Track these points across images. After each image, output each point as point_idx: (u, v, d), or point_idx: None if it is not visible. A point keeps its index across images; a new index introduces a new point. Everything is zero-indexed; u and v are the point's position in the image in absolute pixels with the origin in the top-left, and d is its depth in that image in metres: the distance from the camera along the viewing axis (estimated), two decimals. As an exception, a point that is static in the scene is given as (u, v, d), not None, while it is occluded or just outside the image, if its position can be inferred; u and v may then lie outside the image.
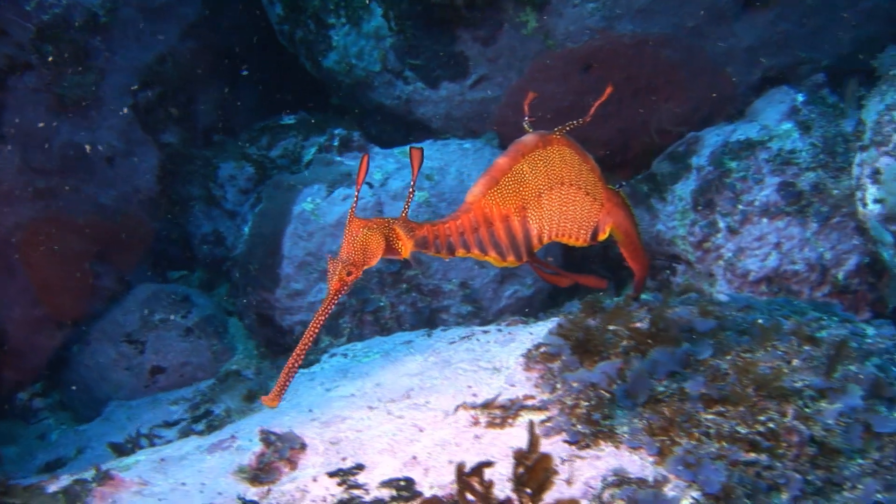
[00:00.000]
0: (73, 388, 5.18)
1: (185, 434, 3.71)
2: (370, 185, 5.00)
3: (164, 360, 5.00)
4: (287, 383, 2.49)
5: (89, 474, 2.95)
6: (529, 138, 3.10)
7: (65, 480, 3.00)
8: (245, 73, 6.33)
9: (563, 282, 3.54)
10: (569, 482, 2.69)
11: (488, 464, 2.14)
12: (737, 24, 5.06)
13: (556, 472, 2.20)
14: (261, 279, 4.94)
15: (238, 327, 5.34)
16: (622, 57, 5.05)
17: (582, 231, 3.31)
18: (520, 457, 2.12)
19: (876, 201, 3.93)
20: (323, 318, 2.49)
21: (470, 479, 2.12)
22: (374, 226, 2.61)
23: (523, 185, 2.98)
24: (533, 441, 2.14)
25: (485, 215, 2.91)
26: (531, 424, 2.28)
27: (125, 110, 5.47)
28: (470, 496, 2.13)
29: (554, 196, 3.13)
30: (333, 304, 2.53)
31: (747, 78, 5.28)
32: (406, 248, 2.70)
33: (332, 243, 4.87)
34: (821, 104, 4.98)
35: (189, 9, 5.88)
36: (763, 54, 5.20)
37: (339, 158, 5.33)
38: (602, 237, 3.49)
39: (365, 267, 2.60)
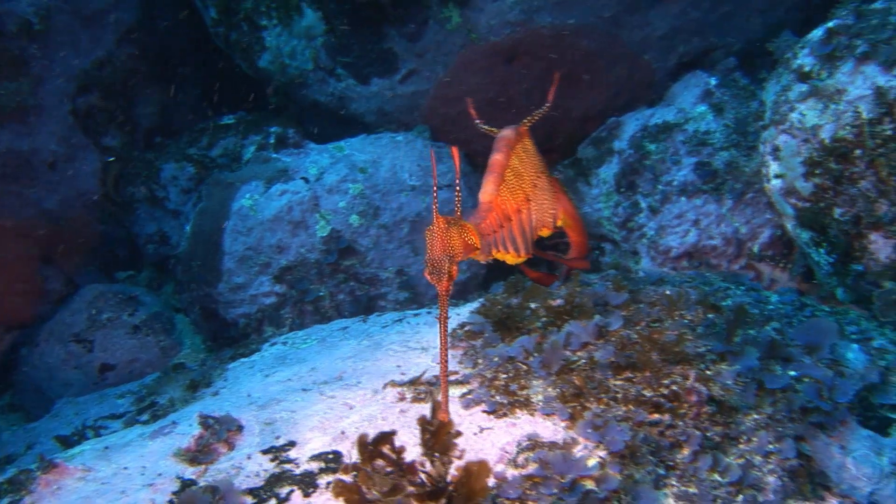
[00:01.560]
0: (23, 389, 5.31)
1: (129, 424, 3.86)
2: (305, 180, 5.16)
3: (112, 357, 5.14)
4: (447, 393, 2.57)
5: (34, 464, 3.11)
6: (509, 132, 3.17)
7: (10, 472, 3.15)
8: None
9: (548, 279, 3.62)
10: (485, 449, 2.90)
11: (392, 433, 2.32)
12: (651, 12, 5.28)
13: (459, 434, 2.37)
14: (203, 275, 5.09)
15: (185, 323, 5.49)
16: (543, 48, 5.24)
17: (550, 219, 3.41)
18: (423, 423, 2.30)
19: (777, 176, 4.17)
20: (446, 318, 2.57)
21: (379, 446, 2.30)
22: (454, 222, 2.65)
23: (521, 179, 3.05)
24: (434, 408, 2.32)
25: (504, 212, 2.98)
26: (432, 394, 2.47)
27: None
28: (380, 461, 2.31)
29: (538, 186, 3.25)
30: (447, 300, 2.60)
31: (664, 64, 5.50)
32: (479, 242, 2.74)
33: (271, 237, 5.03)
34: (733, 87, 5.23)
35: (125, 14, 5.99)
36: (678, 41, 5.43)
37: (275, 155, 5.48)
38: (559, 223, 3.63)
39: (458, 261, 2.65)
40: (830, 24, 4.05)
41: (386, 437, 2.30)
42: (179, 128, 6.36)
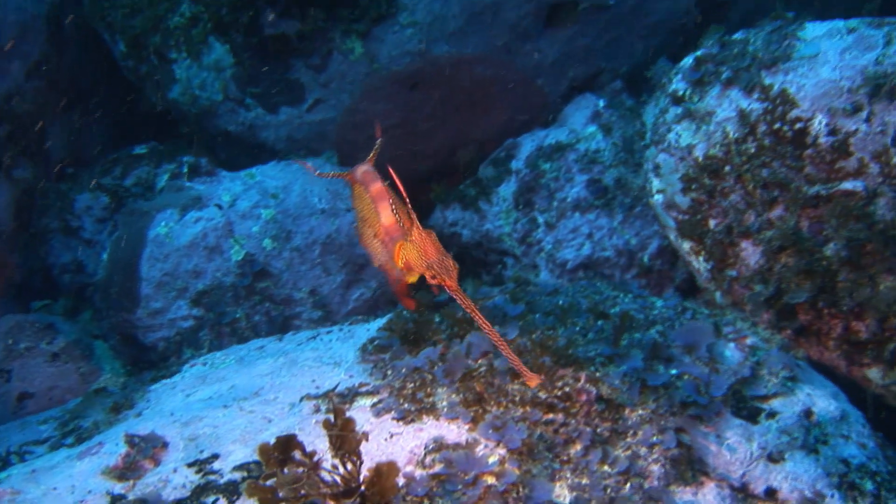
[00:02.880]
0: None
1: (55, 448, 3.99)
2: (219, 207, 5.35)
3: (31, 385, 5.21)
4: (520, 363, 2.76)
5: (-36, 489, 3.25)
6: (368, 166, 3.37)
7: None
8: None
9: (414, 303, 3.79)
10: (395, 453, 3.15)
11: (292, 436, 2.54)
12: (541, 40, 5.62)
13: (364, 436, 2.60)
14: (121, 301, 5.24)
15: (104, 349, 5.59)
16: (442, 75, 5.54)
17: None
18: (327, 425, 2.54)
19: (659, 192, 4.53)
20: (471, 302, 2.75)
21: (285, 452, 2.52)
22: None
23: (396, 203, 3.28)
24: (336, 412, 2.56)
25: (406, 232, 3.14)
26: (331, 398, 2.69)
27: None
28: (294, 466, 2.54)
29: None
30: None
31: (556, 88, 5.85)
32: None
33: (188, 263, 5.20)
34: (620, 108, 5.62)
35: (32, 47, 6.07)
36: (568, 66, 5.78)
37: (188, 184, 5.65)
38: None
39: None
40: (698, 53, 4.44)
41: (287, 441, 2.53)
42: (90, 158, 6.46)
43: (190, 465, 3.23)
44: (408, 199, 2.91)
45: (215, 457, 3.26)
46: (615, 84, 5.76)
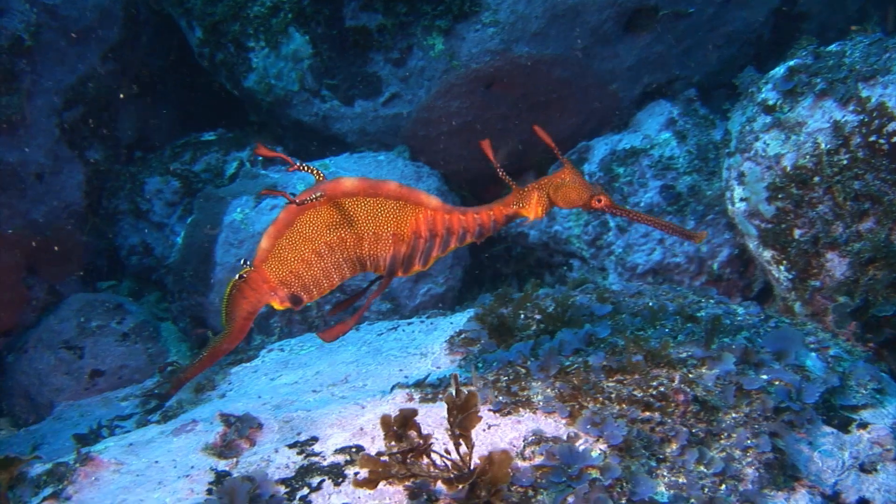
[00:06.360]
0: (11, 394, 5.42)
1: (142, 425, 4.03)
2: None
3: (102, 363, 5.28)
4: (683, 229, 2.91)
5: (69, 458, 3.29)
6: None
7: (40, 467, 3.30)
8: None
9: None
10: (495, 443, 3.17)
11: (414, 411, 2.58)
12: (619, 45, 5.65)
13: (479, 412, 2.62)
14: (195, 284, 5.28)
15: (170, 331, 5.65)
16: (520, 76, 5.58)
17: None
18: (450, 399, 2.57)
19: (742, 200, 4.55)
20: (632, 210, 2.95)
21: (407, 427, 2.56)
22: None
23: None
24: (456, 389, 2.59)
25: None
26: (454, 377, 2.72)
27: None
28: (403, 444, 2.58)
29: None
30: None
31: (630, 93, 5.88)
32: None
33: (261, 250, 5.25)
34: (694, 116, 5.63)
35: (109, 32, 6.15)
36: (643, 72, 5.81)
37: (263, 172, 5.70)
38: None
39: None
40: (791, 63, 4.45)
41: (407, 416, 2.56)
42: (158, 143, 6.54)
43: (290, 446, 3.25)
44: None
45: (314, 439, 3.28)
46: (689, 92, 5.77)
